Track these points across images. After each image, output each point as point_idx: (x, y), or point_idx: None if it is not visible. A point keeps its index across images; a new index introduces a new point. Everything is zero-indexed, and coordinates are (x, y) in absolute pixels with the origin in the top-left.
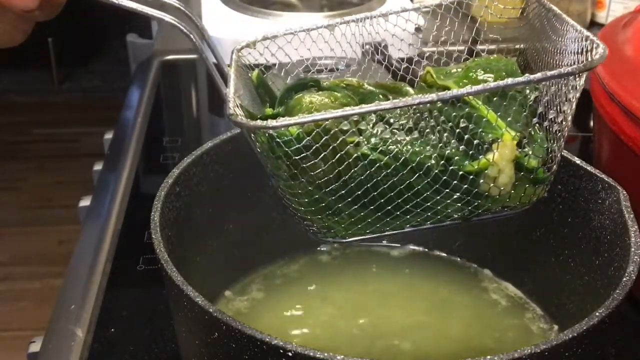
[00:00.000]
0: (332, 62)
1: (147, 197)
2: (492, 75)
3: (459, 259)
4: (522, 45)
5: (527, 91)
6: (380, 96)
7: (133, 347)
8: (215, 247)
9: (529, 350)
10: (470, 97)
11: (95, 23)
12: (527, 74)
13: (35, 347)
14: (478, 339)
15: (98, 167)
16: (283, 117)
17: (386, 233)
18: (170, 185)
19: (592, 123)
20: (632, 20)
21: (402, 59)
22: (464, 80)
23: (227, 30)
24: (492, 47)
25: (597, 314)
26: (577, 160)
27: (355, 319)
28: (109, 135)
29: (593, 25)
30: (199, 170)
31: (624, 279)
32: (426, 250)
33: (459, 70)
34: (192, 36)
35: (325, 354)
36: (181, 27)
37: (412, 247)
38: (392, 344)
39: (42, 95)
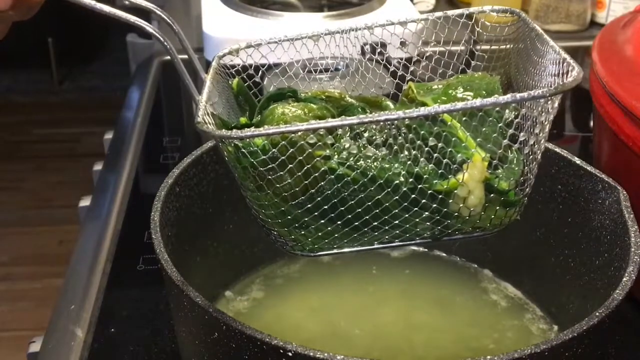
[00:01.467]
0: (332, 63)
1: (147, 197)
2: (471, 94)
3: (459, 259)
4: (506, 64)
5: (500, 112)
6: (360, 109)
7: (133, 347)
8: (215, 247)
9: (529, 350)
10: (445, 114)
11: (95, 23)
12: (495, 95)
13: (35, 347)
14: (477, 340)
15: (98, 167)
16: (257, 126)
17: (355, 249)
18: (170, 185)
19: (592, 123)
20: (632, 20)
21: (402, 59)
22: (443, 97)
23: (227, 30)
24: (493, 47)
25: (597, 314)
26: (577, 160)
27: (355, 319)
28: (109, 135)
29: (593, 25)
30: (199, 170)
31: (624, 279)
32: (426, 250)
33: (440, 87)
34: (167, 45)
35: (325, 354)
36: (157, 35)
37: (412, 247)
38: (392, 344)
39: (42, 95)
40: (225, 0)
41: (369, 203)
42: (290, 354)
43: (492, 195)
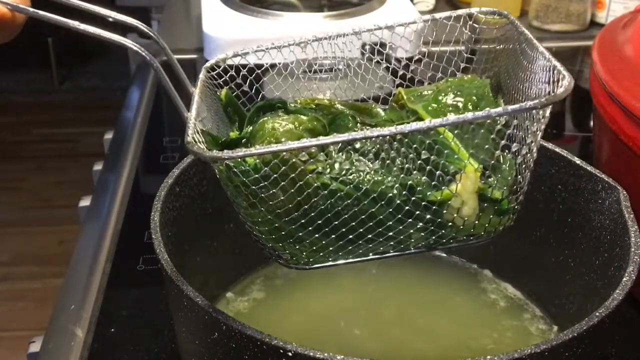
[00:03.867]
0: (332, 62)
1: (147, 197)
2: (462, 100)
3: (458, 259)
4: (495, 67)
5: (491, 122)
6: (350, 117)
7: (133, 347)
8: (215, 247)
9: (529, 350)
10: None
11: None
12: (487, 109)
13: (35, 347)
14: (477, 340)
15: (98, 167)
16: (247, 140)
17: (350, 260)
18: (170, 185)
19: (592, 123)
20: (632, 20)
21: (402, 58)
22: (433, 104)
23: (227, 30)
24: (492, 46)
25: (597, 314)
26: (577, 160)
27: (355, 319)
28: (108, 135)
29: (593, 25)
30: (199, 170)
31: (624, 279)
32: None
33: (430, 92)
34: (154, 63)
35: (325, 354)
36: (143, 53)
37: None
38: (392, 344)
39: (42, 95)
40: (225, 0)
41: (363, 216)
42: (290, 354)
43: (485, 204)
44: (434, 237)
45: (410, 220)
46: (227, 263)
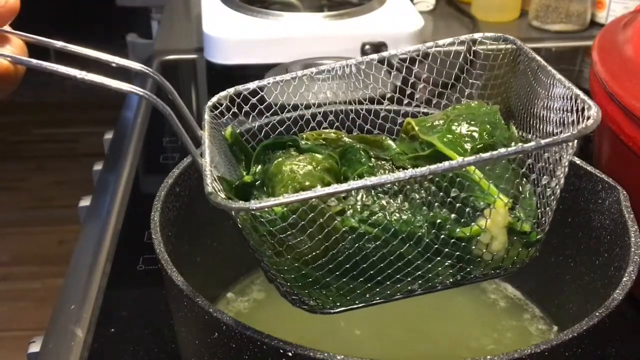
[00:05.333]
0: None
1: (147, 197)
2: (476, 129)
3: None
4: (504, 93)
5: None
6: (362, 152)
7: (133, 347)
8: (215, 247)
9: (529, 350)
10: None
11: (95, 23)
12: (520, 144)
13: (35, 347)
14: (477, 340)
15: (98, 167)
16: (262, 182)
17: (375, 302)
18: (170, 185)
19: None
20: (632, 20)
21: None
22: (448, 135)
23: (227, 30)
24: (491, 46)
25: (597, 314)
26: (577, 160)
27: (355, 319)
28: (109, 135)
29: (593, 25)
30: (199, 170)
31: (624, 279)
32: None
33: (441, 122)
34: (166, 111)
35: (325, 354)
36: (157, 102)
37: None
38: (392, 344)
39: (42, 95)
40: (225, 0)
41: (392, 257)
42: (290, 354)
43: (514, 237)
44: (461, 274)
45: (438, 258)
46: (227, 263)
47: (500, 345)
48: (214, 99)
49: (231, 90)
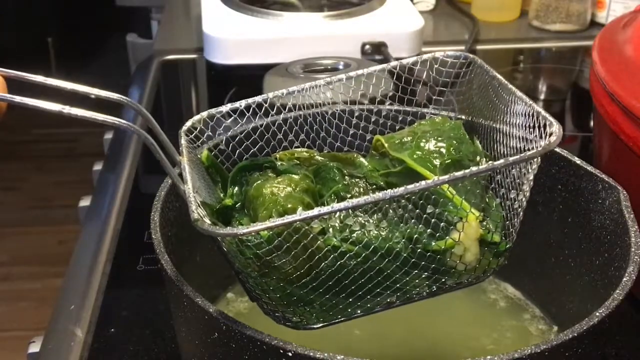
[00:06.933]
0: (331, 63)
1: (147, 197)
2: (444, 145)
3: None
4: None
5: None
6: (336, 170)
7: (133, 347)
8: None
9: (529, 350)
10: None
11: (95, 23)
12: (490, 162)
13: (35, 347)
14: (477, 340)
15: (98, 167)
16: (242, 205)
17: (356, 315)
18: (170, 185)
19: (592, 123)
20: (632, 20)
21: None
22: (417, 152)
23: (227, 30)
24: (491, 46)
25: (597, 314)
26: (577, 160)
27: (355, 319)
28: (108, 135)
29: (593, 25)
30: None
31: (624, 279)
32: None
33: (409, 139)
34: (148, 139)
35: (325, 354)
36: (140, 133)
37: None
38: (391, 344)
39: (42, 95)
40: (225, 0)
41: (372, 273)
42: (290, 354)
43: (485, 248)
44: (437, 284)
45: (416, 271)
46: (227, 263)
47: (500, 345)
48: (188, 123)
49: (204, 114)
